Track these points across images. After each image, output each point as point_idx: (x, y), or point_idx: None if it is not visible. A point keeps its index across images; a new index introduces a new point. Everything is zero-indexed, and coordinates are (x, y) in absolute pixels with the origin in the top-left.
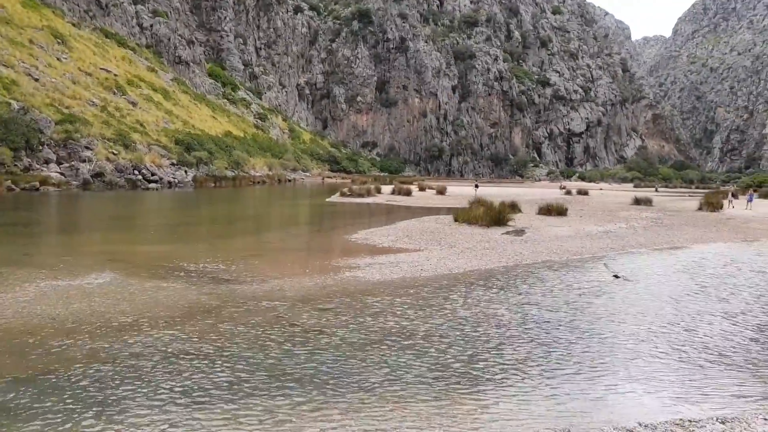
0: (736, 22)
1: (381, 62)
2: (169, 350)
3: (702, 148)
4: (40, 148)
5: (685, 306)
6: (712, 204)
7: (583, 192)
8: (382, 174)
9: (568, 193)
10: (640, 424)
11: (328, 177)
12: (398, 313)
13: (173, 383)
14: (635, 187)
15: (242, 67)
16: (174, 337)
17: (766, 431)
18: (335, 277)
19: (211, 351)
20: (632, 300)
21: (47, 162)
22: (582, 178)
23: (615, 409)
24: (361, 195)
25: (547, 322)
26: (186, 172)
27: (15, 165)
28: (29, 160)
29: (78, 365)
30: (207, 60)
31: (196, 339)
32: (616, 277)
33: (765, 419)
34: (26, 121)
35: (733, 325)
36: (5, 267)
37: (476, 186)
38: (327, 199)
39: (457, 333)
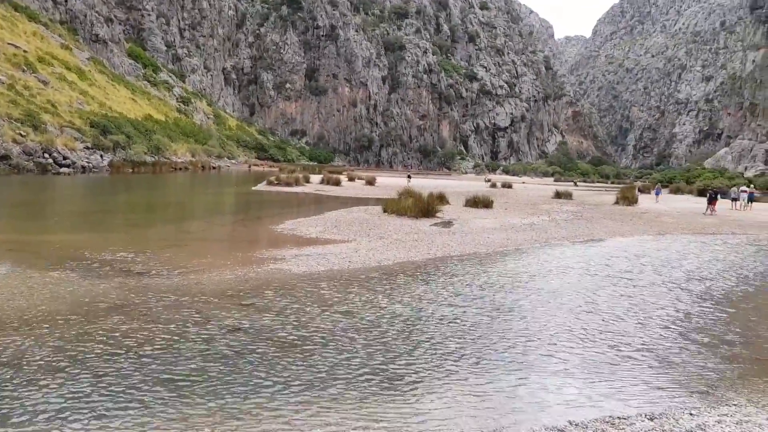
0: (651, 25)
1: (311, 49)
2: (66, 352)
3: (617, 145)
4: None
5: (609, 299)
6: (627, 198)
7: (507, 185)
8: (311, 163)
9: (494, 186)
10: (570, 423)
11: (255, 165)
12: (324, 308)
13: (68, 390)
14: (556, 181)
15: (165, 48)
16: (73, 336)
17: (693, 427)
18: (259, 269)
19: (116, 352)
20: (557, 293)
21: None
22: (506, 171)
23: (544, 407)
24: (289, 184)
25: (476, 316)
26: (102, 156)
27: None
28: None
29: None
30: (127, 39)
31: (99, 339)
32: None
33: (691, 414)
34: None
35: (655, 318)
36: None
37: (409, 177)
38: (253, 188)
39: (385, 329)
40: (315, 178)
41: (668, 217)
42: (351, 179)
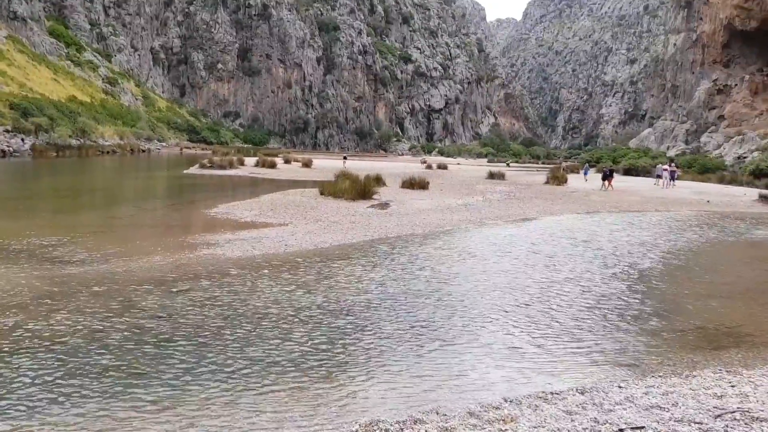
0: (579, 9)
1: (243, 29)
2: None
3: (547, 126)
4: None
5: (541, 274)
6: (557, 178)
7: (442, 166)
8: (245, 146)
9: (429, 167)
10: (505, 400)
11: (187, 148)
12: (259, 293)
13: None
14: (489, 162)
15: (89, 26)
16: None
17: (622, 399)
18: (191, 255)
19: (37, 346)
20: (490, 272)
21: None
22: (441, 153)
23: (480, 385)
24: (222, 167)
25: (412, 298)
26: (23, 140)
27: None
28: None
29: None
30: (48, 17)
31: (18, 333)
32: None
33: (620, 387)
34: None
35: (583, 294)
36: None
37: (345, 158)
38: (185, 171)
39: (321, 312)
40: (250, 160)
41: (596, 196)
42: (287, 162)
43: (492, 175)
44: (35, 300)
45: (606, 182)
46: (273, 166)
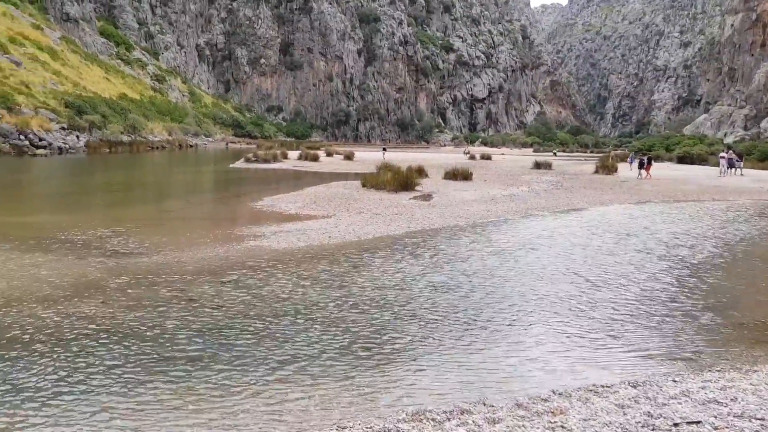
0: None
1: (284, 23)
2: (46, 332)
3: (596, 113)
4: None
5: (591, 266)
6: (607, 167)
7: (486, 157)
8: (288, 139)
9: (472, 158)
10: (554, 392)
11: (232, 142)
12: (304, 283)
13: (53, 371)
14: (535, 151)
15: (137, 25)
16: (55, 318)
17: (677, 393)
18: (238, 246)
19: (98, 333)
20: (540, 263)
21: None
22: (485, 143)
23: (528, 377)
24: (266, 161)
25: (458, 289)
26: (78, 137)
27: None
28: None
29: None
30: (98, 18)
31: (81, 320)
32: None
33: (675, 381)
34: None
35: (638, 285)
36: None
37: (384, 150)
38: (231, 165)
39: (367, 303)
40: (293, 154)
41: (648, 185)
42: (329, 154)
43: (538, 165)
44: (94, 290)
45: (643, 170)
46: (315, 159)
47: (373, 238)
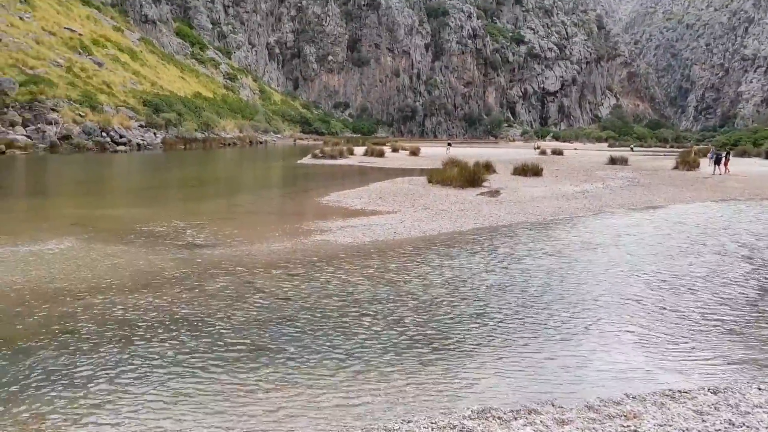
0: None
1: (352, 20)
2: (128, 320)
3: (677, 106)
4: (5, 110)
5: (669, 267)
6: (688, 163)
7: (557, 152)
8: (354, 135)
9: (543, 153)
10: (627, 395)
11: (300, 139)
12: (371, 278)
13: (131, 354)
14: (610, 146)
15: (210, 25)
16: (134, 305)
17: (762, 402)
18: (306, 241)
19: (174, 320)
20: (615, 261)
21: (12, 125)
22: (556, 137)
23: (599, 379)
24: (333, 157)
25: (527, 286)
26: (155, 134)
27: None
28: None
29: (33, 336)
30: (174, 19)
31: (158, 308)
32: None
33: (760, 389)
34: None
35: (721, 288)
36: None
37: (449, 145)
38: (298, 161)
39: (432, 299)
40: (359, 150)
41: (733, 181)
42: (395, 150)
43: (613, 161)
44: (169, 279)
45: (720, 166)
46: (381, 155)
47: (439, 234)
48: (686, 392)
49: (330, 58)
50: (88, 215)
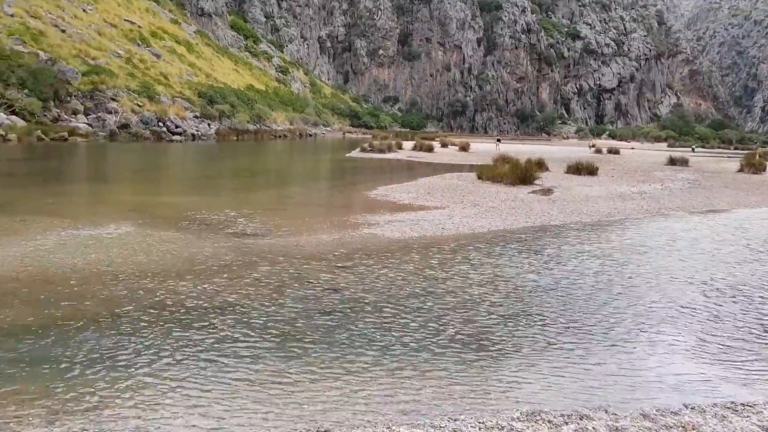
0: None
1: (404, 14)
2: (182, 304)
3: (742, 106)
4: (68, 99)
5: (733, 273)
6: (753, 166)
7: (614, 151)
8: (403, 129)
9: (598, 151)
10: (686, 406)
11: (349, 132)
12: (417, 273)
13: (181, 337)
14: (669, 146)
15: (264, 19)
16: (186, 290)
17: None
18: (354, 233)
19: (222, 307)
20: (671, 266)
21: (75, 113)
22: (612, 136)
23: (656, 387)
24: (381, 151)
25: (579, 287)
26: (209, 125)
27: (44, 115)
28: (58, 110)
29: (89, 316)
30: (229, 12)
31: (209, 293)
32: None
33: None
34: (54, 72)
35: None
36: (29, 215)
37: (498, 141)
38: (347, 155)
39: (481, 296)
40: (407, 144)
41: None
42: (444, 145)
43: (673, 161)
44: (221, 266)
45: None
46: (430, 149)
47: (488, 231)
48: (750, 406)
49: (381, 52)
50: (145, 202)
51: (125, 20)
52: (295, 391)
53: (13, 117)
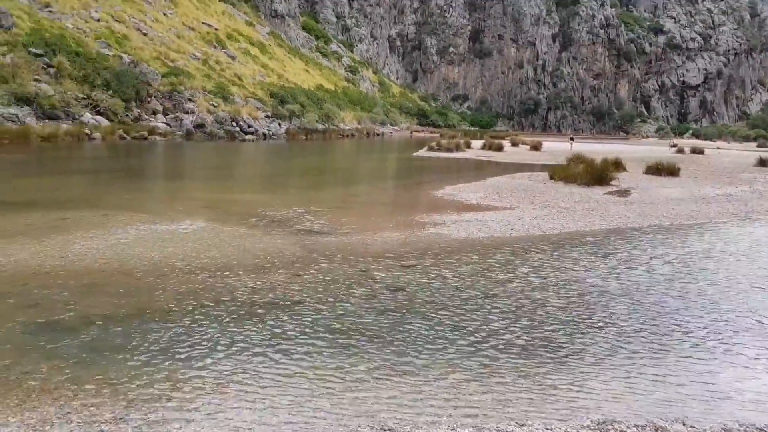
0: None
1: (476, 10)
2: (252, 298)
3: None
4: (148, 99)
5: None
6: None
7: (697, 151)
8: (472, 128)
9: (680, 151)
10: None
11: (416, 131)
12: (484, 275)
13: (251, 331)
14: (759, 146)
15: (335, 19)
16: (257, 285)
17: None
18: (419, 233)
19: (291, 302)
20: (757, 274)
21: (154, 113)
22: (696, 135)
23: (737, 401)
24: (449, 150)
25: (658, 293)
26: (279, 124)
27: (126, 115)
28: (138, 110)
29: (165, 308)
30: (301, 13)
31: (277, 289)
32: None
33: None
34: (136, 73)
35: None
36: (110, 210)
37: (572, 139)
38: (414, 154)
39: (550, 300)
40: (476, 143)
41: None
42: (514, 144)
43: (763, 162)
44: (289, 263)
45: None
46: (500, 149)
47: (560, 233)
48: None
49: (451, 49)
50: (218, 199)
51: (203, 23)
52: (358, 387)
53: (98, 117)
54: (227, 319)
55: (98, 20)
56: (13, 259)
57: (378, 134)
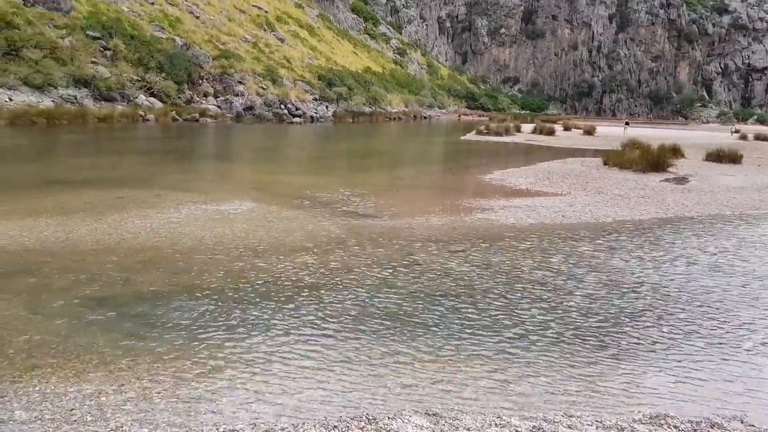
0: None
1: None
2: (298, 278)
3: None
4: (200, 82)
5: None
6: None
7: (762, 137)
8: (522, 112)
9: (743, 137)
10: None
11: (465, 114)
12: (534, 262)
13: (297, 311)
14: None
15: (384, 0)
16: (303, 265)
17: None
18: (466, 218)
19: (337, 283)
20: None
21: (206, 95)
22: (761, 121)
23: None
24: (498, 133)
25: (718, 286)
26: (327, 107)
27: (179, 98)
28: (190, 93)
29: (214, 285)
30: None
31: (324, 270)
32: None
33: None
34: (188, 56)
35: None
36: (164, 190)
37: (626, 124)
38: (462, 137)
39: (604, 290)
40: (526, 127)
41: None
42: (566, 128)
43: None
44: (336, 244)
45: None
46: (551, 133)
47: (614, 221)
48: None
49: (502, 30)
50: (266, 180)
51: (253, 6)
52: (404, 372)
53: (152, 99)
54: (275, 298)
55: (152, 3)
56: (72, 236)
57: (425, 117)
